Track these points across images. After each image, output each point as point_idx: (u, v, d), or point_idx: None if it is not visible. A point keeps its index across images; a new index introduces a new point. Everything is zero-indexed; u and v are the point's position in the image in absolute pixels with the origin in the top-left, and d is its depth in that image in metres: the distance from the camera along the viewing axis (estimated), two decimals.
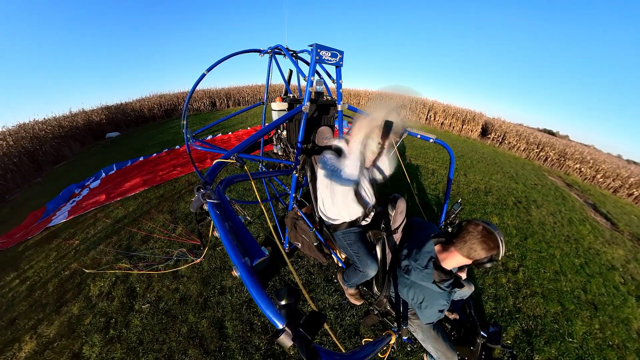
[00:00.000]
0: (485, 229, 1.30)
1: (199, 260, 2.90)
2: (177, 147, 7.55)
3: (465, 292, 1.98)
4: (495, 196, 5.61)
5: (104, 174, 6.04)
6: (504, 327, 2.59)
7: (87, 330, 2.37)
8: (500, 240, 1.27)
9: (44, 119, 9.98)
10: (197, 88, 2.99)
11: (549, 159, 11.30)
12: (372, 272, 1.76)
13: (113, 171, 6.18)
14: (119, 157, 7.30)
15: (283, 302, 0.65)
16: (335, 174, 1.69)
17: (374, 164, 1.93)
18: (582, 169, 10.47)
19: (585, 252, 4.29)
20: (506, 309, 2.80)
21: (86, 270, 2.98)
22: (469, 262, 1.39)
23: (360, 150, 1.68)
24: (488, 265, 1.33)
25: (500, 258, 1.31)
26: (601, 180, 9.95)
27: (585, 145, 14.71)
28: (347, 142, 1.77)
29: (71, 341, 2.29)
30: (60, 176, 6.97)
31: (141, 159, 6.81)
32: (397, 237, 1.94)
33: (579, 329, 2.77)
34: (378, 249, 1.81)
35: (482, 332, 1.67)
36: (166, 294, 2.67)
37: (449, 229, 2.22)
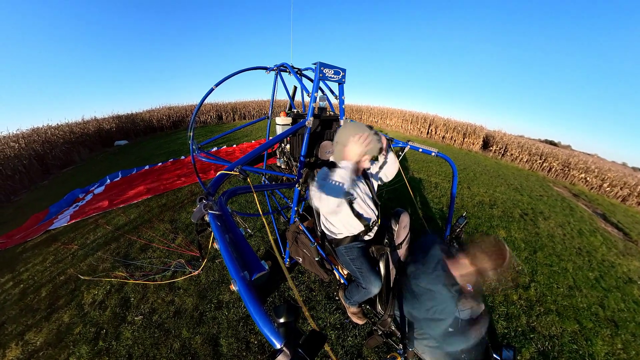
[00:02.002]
0: (495, 239, 1.36)
1: (196, 272, 2.84)
2: (183, 157, 7.65)
3: (476, 311, 1.90)
4: (500, 209, 5.51)
5: (109, 181, 6.11)
6: (518, 349, 2.43)
7: (75, 340, 2.29)
8: (508, 252, 1.31)
9: (57, 124, 10.28)
10: (205, 101, 3.07)
11: (553, 169, 11.16)
12: (375, 289, 1.70)
13: (118, 178, 6.25)
14: (126, 164, 7.41)
15: (282, 320, 0.62)
16: (324, 185, 1.57)
17: (372, 173, 1.95)
18: (588, 178, 10.27)
19: (599, 264, 4.10)
20: (519, 329, 2.64)
21: (81, 277, 2.93)
22: (473, 269, 1.41)
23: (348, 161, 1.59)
24: (491, 275, 1.35)
25: (505, 269, 1.33)
26: (608, 189, 9.73)
27: (589, 154, 14.37)
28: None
29: (58, 351, 2.20)
30: (67, 180, 7.05)
31: (147, 167, 6.90)
32: (402, 252, 1.89)
33: (600, 349, 2.58)
34: (381, 265, 1.76)
35: (494, 355, 1.58)
36: (161, 306, 2.59)
37: (454, 243, 2.17)
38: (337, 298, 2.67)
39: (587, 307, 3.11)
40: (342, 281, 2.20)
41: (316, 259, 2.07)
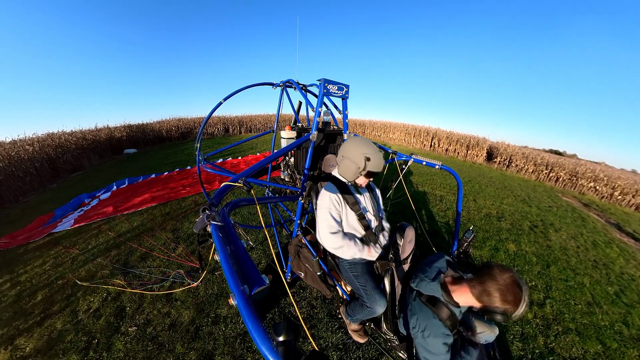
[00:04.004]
0: (513, 279, 1.15)
1: (195, 284, 2.79)
2: (189, 167, 7.75)
3: (490, 336, 1.80)
4: (508, 221, 5.34)
5: (115, 187, 6.18)
6: None
7: (65, 349, 2.22)
8: (524, 298, 1.12)
9: (71, 130, 10.61)
10: (213, 114, 3.15)
11: (560, 179, 10.94)
12: (380, 308, 1.64)
13: (124, 185, 6.32)
14: (133, 172, 7.52)
15: (281, 338, 0.59)
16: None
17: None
18: (597, 187, 10.02)
19: (618, 278, 3.87)
20: (537, 350, 2.45)
21: (79, 282, 2.90)
22: (478, 305, 1.26)
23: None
24: (498, 317, 1.18)
25: (515, 317, 1.14)
26: (620, 197, 9.46)
27: (596, 162, 14.00)
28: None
29: (47, 359, 2.14)
30: (74, 185, 7.16)
31: (153, 176, 6.99)
32: (407, 268, 1.83)
33: None
34: (386, 282, 1.69)
35: None
36: (156, 318, 2.52)
37: (462, 257, 2.11)
38: (339, 316, 2.57)
39: (610, 325, 2.90)
40: (345, 297, 2.13)
41: (318, 273, 2.02)
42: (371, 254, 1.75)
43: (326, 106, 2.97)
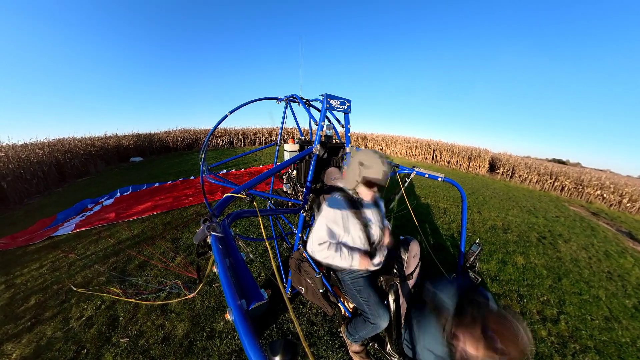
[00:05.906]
0: (519, 333, 0.94)
1: (192, 295, 2.73)
2: (192, 177, 7.82)
3: None
4: (515, 233, 5.18)
5: (119, 194, 6.22)
6: None
7: (53, 357, 2.15)
8: (501, 347, 0.93)
9: (81, 137, 10.86)
10: (219, 127, 3.21)
11: (566, 188, 10.73)
12: (384, 323, 1.58)
13: (128, 192, 6.37)
14: (137, 180, 7.60)
15: (277, 358, 0.57)
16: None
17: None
18: (604, 195, 9.80)
19: (636, 290, 3.66)
20: None
21: (74, 288, 2.85)
22: (481, 352, 1.04)
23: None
24: None
25: None
26: (629, 204, 9.18)
27: (601, 170, 13.73)
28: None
29: None
30: (80, 190, 7.23)
31: (156, 184, 7.05)
32: (412, 283, 1.77)
33: None
34: (391, 298, 1.63)
35: None
36: (149, 330, 2.45)
37: (470, 273, 2.04)
38: (340, 334, 2.47)
39: (631, 341, 2.70)
40: (347, 315, 2.05)
41: (320, 290, 1.96)
42: (365, 263, 1.61)
43: (329, 120, 3.02)
